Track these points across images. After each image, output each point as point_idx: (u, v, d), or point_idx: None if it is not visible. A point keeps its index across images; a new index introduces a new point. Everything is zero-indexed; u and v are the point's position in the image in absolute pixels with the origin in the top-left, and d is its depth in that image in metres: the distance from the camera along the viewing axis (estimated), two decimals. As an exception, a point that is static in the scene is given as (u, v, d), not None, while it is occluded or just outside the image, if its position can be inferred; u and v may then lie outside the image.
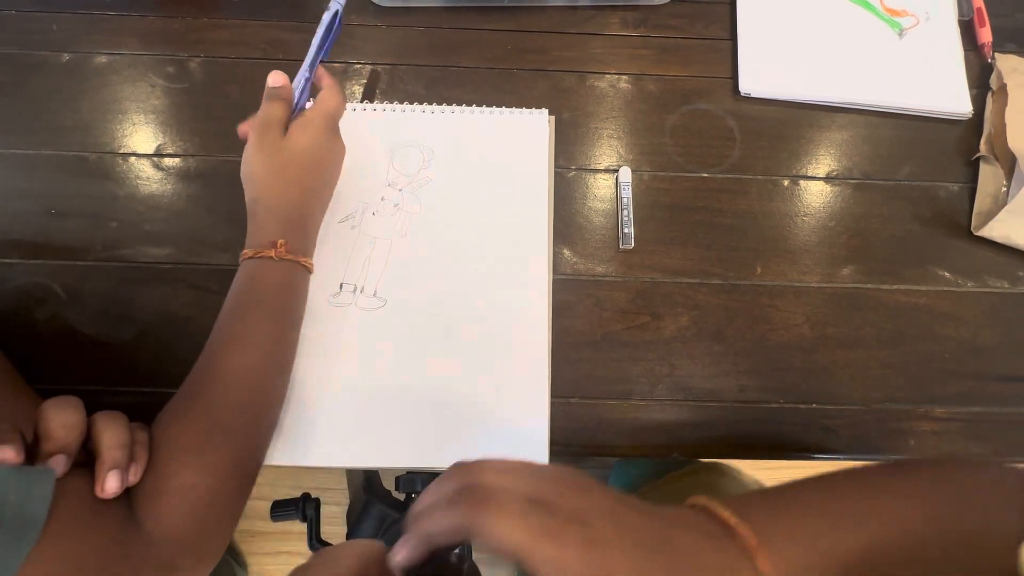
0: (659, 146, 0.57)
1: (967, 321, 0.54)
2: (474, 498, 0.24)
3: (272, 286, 0.45)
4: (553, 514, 0.23)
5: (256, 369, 0.43)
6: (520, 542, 0.22)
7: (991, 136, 0.58)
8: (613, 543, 0.23)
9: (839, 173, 0.58)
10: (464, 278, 0.51)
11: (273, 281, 0.45)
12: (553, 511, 0.23)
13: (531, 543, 0.22)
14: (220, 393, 0.41)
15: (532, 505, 0.23)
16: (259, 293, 0.44)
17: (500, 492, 0.24)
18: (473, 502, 0.24)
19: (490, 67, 0.59)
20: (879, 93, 0.59)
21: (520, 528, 0.22)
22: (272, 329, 0.44)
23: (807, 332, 0.53)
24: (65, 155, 0.54)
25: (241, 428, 0.42)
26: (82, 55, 0.57)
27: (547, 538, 0.22)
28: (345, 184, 0.53)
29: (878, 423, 0.51)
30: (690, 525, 0.25)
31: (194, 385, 0.42)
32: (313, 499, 0.59)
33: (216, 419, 0.41)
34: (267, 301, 0.44)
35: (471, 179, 0.54)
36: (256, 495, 0.42)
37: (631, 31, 0.61)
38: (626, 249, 0.54)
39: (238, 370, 0.42)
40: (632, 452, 0.50)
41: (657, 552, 0.23)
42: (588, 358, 0.51)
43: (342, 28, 0.49)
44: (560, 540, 0.22)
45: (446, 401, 0.48)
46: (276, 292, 0.45)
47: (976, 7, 0.62)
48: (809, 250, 0.55)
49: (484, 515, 0.23)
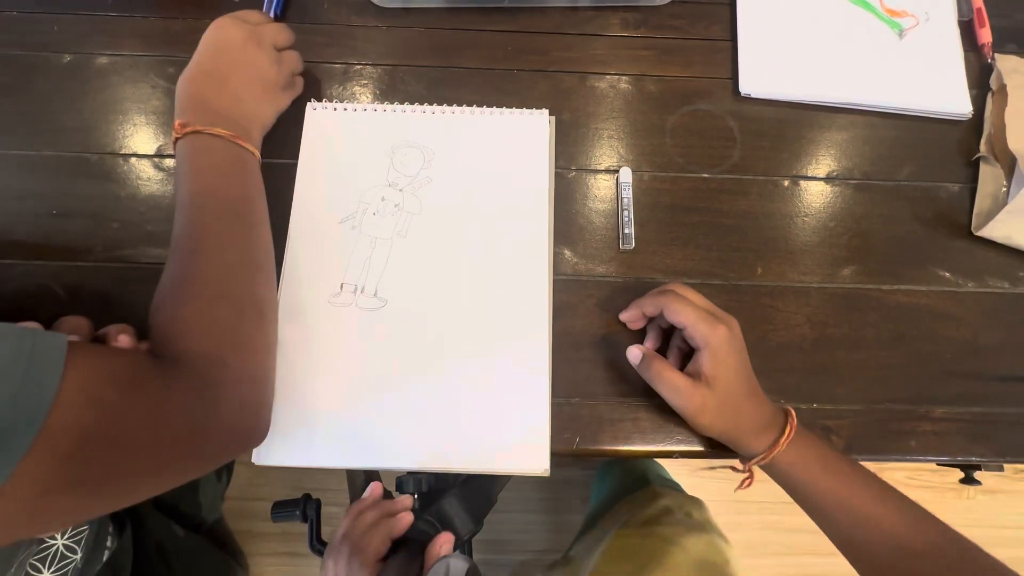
0: (659, 147, 0.57)
1: (967, 321, 0.54)
2: (673, 294, 0.46)
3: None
4: (713, 316, 0.45)
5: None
6: (687, 316, 0.44)
7: (991, 136, 0.58)
8: (737, 351, 0.45)
9: (839, 173, 0.58)
10: (464, 278, 0.51)
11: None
12: (714, 316, 0.45)
13: (694, 319, 0.44)
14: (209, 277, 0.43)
15: (699, 310, 0.45)
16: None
17: (688, 293, 0.46)
18: (672, 296, 0.46)
19: (491, 68, 0.59)
20: (879, 93, 0.59)
21: (690, 311, 0.44)
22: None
23: (807, 332, 0.53)
24: (66, 156, 0.54)
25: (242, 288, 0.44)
26: (83, 56, 0.57)
27: (702, 321, 0.44)
28: (345, 184, 0.54)
29: (878, 423, 0.51)
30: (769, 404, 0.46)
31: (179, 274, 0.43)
32: (314, 500, 0.59)
33: (212, 291, 0.42)
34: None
35: (471, 179, 0.54)
36: (256, 495, 0.42)
37: (631, 32, 0.61)
38: (626, 250, 0.54)
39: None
40: (632, 452, 0.50)
41: (749, 382, 0.46)
42: (588, 358, 0.51)
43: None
44: (711, 324, 0.44)
45: (446, 401, 0.48)
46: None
47: (976, 7, 0.62)
48: (810, 250, 0.55)
49: (676, 301, 0.45)
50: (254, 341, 0.43)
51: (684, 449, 0.50)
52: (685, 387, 0.44)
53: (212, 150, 0.46)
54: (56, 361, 0.31)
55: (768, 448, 0.44)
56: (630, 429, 0.50)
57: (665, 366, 0.46)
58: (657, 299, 0.46)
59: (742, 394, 0.45)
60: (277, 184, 0.53)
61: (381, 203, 0.53)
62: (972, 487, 1.32)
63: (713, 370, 0.44)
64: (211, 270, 0.42)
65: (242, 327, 0.42)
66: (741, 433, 0.45)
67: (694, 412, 0.44)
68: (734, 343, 0.45)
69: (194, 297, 0.41)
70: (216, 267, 0.43)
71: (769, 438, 0.45)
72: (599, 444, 0.49)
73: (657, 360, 0.46)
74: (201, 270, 0.42)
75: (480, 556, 0.38)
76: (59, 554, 0.61)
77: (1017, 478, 1.36)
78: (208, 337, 0.40)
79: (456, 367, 0.49)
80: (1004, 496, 1.35)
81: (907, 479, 1.37)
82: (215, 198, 0.45)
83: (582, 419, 0.50)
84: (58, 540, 0.61)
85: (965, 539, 0.42)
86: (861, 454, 0.51)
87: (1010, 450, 0.51)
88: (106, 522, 0.69)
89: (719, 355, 0.44)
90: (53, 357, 0.31)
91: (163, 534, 0.90)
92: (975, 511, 1.34)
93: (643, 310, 0.48)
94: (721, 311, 0.46)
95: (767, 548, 1.31)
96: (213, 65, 0.49)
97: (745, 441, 0.45)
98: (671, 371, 0.45)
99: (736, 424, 0.45)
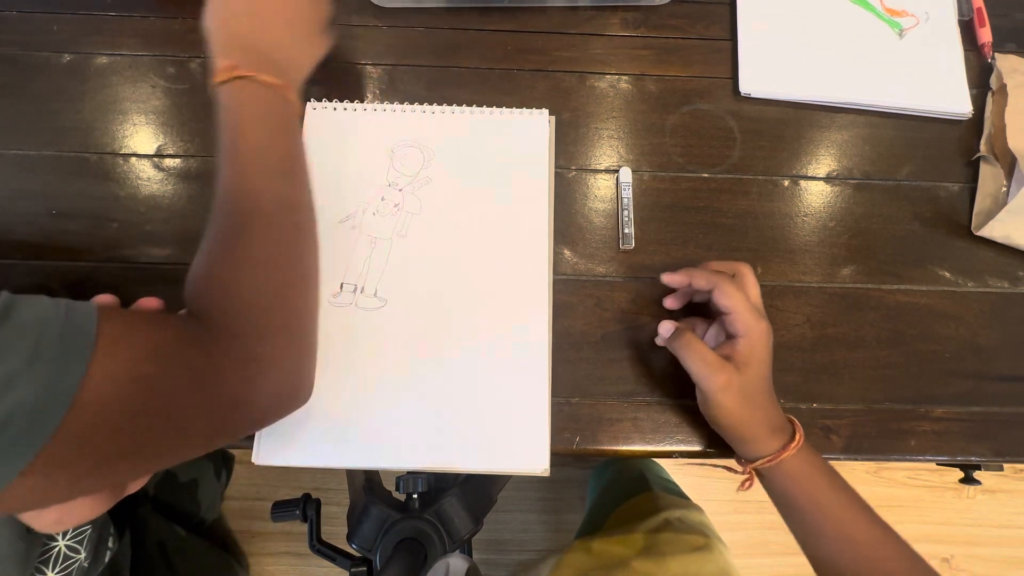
0: (659, 146, 0.57)
1: (967, 321, 0.54)
2: (727, 279, 0.46)
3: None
4: (759, 311, 0.45)
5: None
6: (738, 303, 0.44)
7: (991, 136, 0.58)
8: (769, 350, 0.45)
9: (839, 173, 0.58)
10: (464, 278, 0.51)
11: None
12: (759, 312, 0.46)
13: (742, 308, 0.44)
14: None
15: (748, 301, 0.45)
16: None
17: (749, 282, 0.47)
18: (727, 279, 0.46)
19: (490, 67, 0.59)
20: (879, 93, 0.59)
21: (740, 299, 0.45)
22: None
23: (807, 332, 0.53)
24: (66, 156, 0.54)
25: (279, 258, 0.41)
26: (83, 56, 0.57)
27: (749, 312, 0.44)
28: (345, 184, 0.53)
29: (878, 423, 0.51)
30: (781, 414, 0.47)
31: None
32: (314, 500, 0.59)
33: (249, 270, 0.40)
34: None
35: (471, 179, 0.54)
36: (256, 495, 0.42)
37: (631, 31, 0.61)
38: (626, 249, 0.54)
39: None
40: (632, 452, 0.50)
41: (769, 383, 0.46)
42: (588, 358, 0.51)
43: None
44: (756, 317, 0.45)
45: (446, 401, 0.48)
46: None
47: (976, 7, 0.62)
48: (809, 250, 0.55)
49: (730, 285, 0.45)
50: (299, 309, 0.41)
51: (684, 449, 0.50)
52: (714, 361, 0.44)
53: (261, 100, 0.43)
54: (89, 329, 0.31)
55: (776, 452, 0.44)
56: (630, 429, 0.50)
57: (695, 338, 0.45)
58: (713, 276, 0.46)
59: (764, 391, 0.45)
60: (277, 184, 0.53)
61: (381, 203, 0.53)
62: (972, 487, 1.32)
63: (747, 358, 0.44)
64: (261, 236, 0.40)
65: (290, 295, 0.41)
66: (753, 429, 0.45)
67: (717, 388, 0.43)
68: (769, 342, 0.45)
69: (242, 263, 0.39)
70: (266, 232, 0.40)
71: (778, 442, 0.45)
72: (599, 444, 0.49)
73: (689, 332, 0.46)
74: (250, 234, 0.40)
75: (480, 556, 0.38)
76: (62, 555, 0.61)
77: (1017, 478, 1.36)
78: (255, 306, 0.39)
79: (456, 367, 0.49)
80: (1004, 496, 1.35)
81: (907, 479, 1.37)
82: (266, 155, 0.42)
83: (582, 419, 0.50)
84: (60, 541, 0.61)
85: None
86: (861, 454, 0.51)
87: (1010, 450, 0.51)
88: (108, 523, 0.69)
89: (756, 347, 0.44)
90: (86, 325, 0.31)
91: (165, 535, 0.91)
92: (975, 511, 1.34)
93: (692, 279, 0.47)
94: (764, 311, 0.46)
95: (767, 548, 1.31)
96: (247, 2, 0.45)
97: (754, 440, 0.45)
98: (701, 344, 0.45)
99: (752, 417, 0.45)
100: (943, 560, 1.31)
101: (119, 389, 0.31)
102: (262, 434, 0.47)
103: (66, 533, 0.62)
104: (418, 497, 0.53)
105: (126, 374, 0.32)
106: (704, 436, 0.50)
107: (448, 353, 0.49)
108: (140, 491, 0.43)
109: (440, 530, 0.51)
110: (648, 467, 0.91)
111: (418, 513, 0.51)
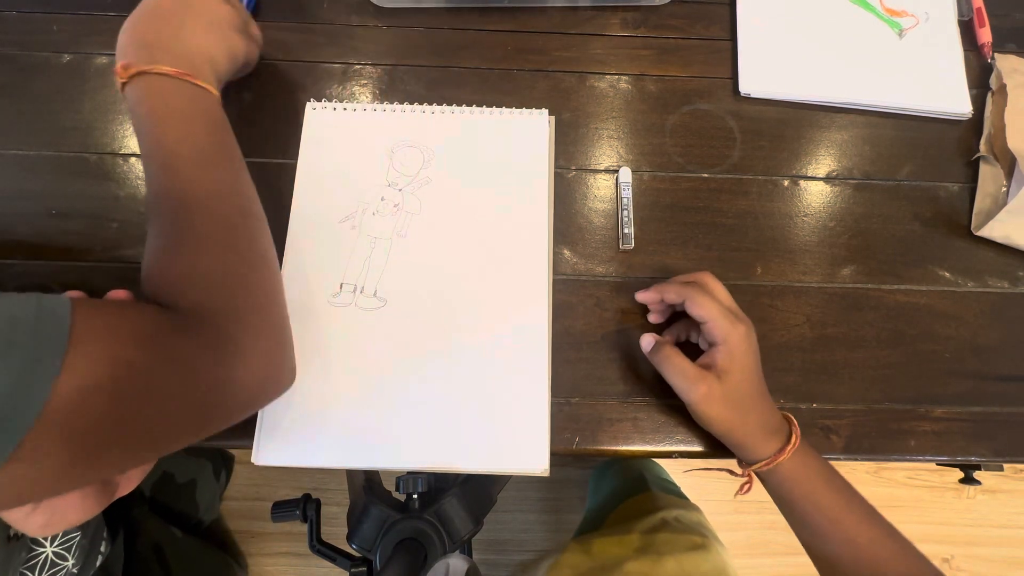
0: (659, 146, 0.57)
1: (967, 321, 0.54)
2: (698, 288, 0.46)
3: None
4: (734, 315, 0.45)
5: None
6: (710, 311, 0.44)
7: (991, 136, 0.58)
8: (752, 352, 0.45)
9: (839, 173, 0.58)
10: (464, 278, 0.51)
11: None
12: (735, 315, 0.45)
13: (716, 315, 0.44)
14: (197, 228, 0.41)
15: (722, 307, 0.45)
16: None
17: (715, 288, 0.47)
18: (697, 289, 0.46)
19: (490, 68, 0.59)
20: (879, 93, 0.59)
21: (713, 307, 0.45)
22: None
23: (807, 332, 0.53)
24: (66, 156, 0.54)
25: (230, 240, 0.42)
26: (83, 56, 0.57)
27: (724, 318, 0.44)
28: (345, 184, 0.53)
29: (878, 423, 0.51)
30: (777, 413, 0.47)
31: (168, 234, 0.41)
32: (314, 500, 0.59)
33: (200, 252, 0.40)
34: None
35: (471, 179, 0.54)
36: (256, 495, 0.42)
37: (631, 32, 0.61)
38: (626, 249, 0.54)
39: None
40: (632, 452, 0.50)
41: (760, 384, 0.46)
42: (588, 358, 0.51)
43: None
44: (731, 322, 0.44)
45: (446, 401, 0.48)
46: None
47: (976, 7, 0.62)
48: (809, 250, 0.55)
49: (701, 295, 0.45)
50: (264, 290, 0.42)
51: (684, 449, 0.50)
52: (693, 374, 0.44)
53: (165, 92, 0.43)
54: (63, 315, 0.31)
55: (773, 454, 0.44)
56: (630, 429, 0.50)
57: (675, 351, 0.46)
58: (682, 289, 0.46)
59: (752, 394, 0.45)
60: (277, 184, 0.53)
61: (381, 203, 0.53)
62: (972, 487, 1.32)
63: (727, 365, 0.44)
64: (207, 222, 0.40)
65: (250, 276, 0.41)
66: (747, 433, 0.45)
67: (698, 399, 0.44)
68: (751, 344, 0.45)
69: (197, 251, 0.40)
70: (210, 216, 0.41)
71: (775, 444, 0.45)
72: (599, 444, 0.49)
73: (668, 346, 0.47)
74: (196, 223, 0.40)
75: (480, 556, 0.38)
76: (49, 561, 0.61)
77: (1017, 478, 1.36)
78: (217, 288, 0.39)
79: (456, 367, 0.49)
80: (1004, 496, 1.35)
81: (907, 479, 1.37)
82: (185, 146, 0.42)
83: (582, 419, 0.50)
84: (47, 548, 0.61)
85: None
86: (861, 454, 0.51)
87: (1010, 450, 0.51)
88: (101, 527, 0.69)
89: (735, 353, 0.44)
90: (60, 311, 0.31)
91: (161, 536, 0.90)
92: (975, 511, 1.34)
93: (664, 295, 0.48)
94: (740, 311, 0.46)
95: (768, 548, 1.31)
96: (154, 4, 0.46)
97: (750, 443, 0.45)
98: (681, 357, 0.45)
99: (743, 422, 0.45)
100: (943, 560, 1.31)
101: (100, 374, 0.31)
102: (262, 434, 0.47)
103: (54, 539, 0.61)
104: (418, 497, 0.53)
105: (107, 358, 0.31)
106: (704, 436, 0.50)
107: (448, 353, 0.49)
108: (135, 492, 0.43)
109: (440, 530, 0.51)
110: (647, 467, 0.91)
111: (418, 513, 0.51)
